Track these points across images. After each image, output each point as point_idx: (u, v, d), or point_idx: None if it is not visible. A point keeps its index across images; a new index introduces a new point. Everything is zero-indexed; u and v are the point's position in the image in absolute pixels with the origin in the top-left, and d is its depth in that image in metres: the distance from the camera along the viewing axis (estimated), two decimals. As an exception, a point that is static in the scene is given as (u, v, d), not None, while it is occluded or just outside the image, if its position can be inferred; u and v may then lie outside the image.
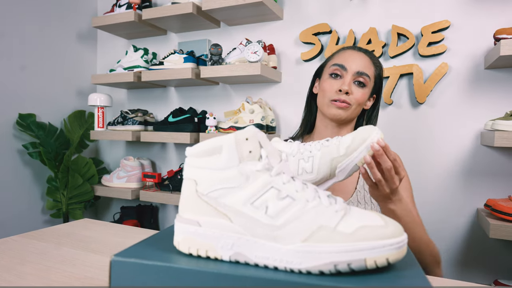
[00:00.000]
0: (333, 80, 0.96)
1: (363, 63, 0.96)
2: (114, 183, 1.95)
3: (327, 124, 1.00)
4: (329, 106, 0.95)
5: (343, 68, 0.95)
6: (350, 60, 0.96)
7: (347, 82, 0.94)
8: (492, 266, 1.40)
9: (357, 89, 0.95)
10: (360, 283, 0.36)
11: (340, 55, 0.99)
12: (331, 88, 0.95)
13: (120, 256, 0.42)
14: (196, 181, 0.44)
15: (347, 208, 0.42)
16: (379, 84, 1.02)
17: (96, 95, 1.92)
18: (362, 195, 0.94)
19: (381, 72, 1.02)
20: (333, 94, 0.94)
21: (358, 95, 0.94)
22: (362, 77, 0.95)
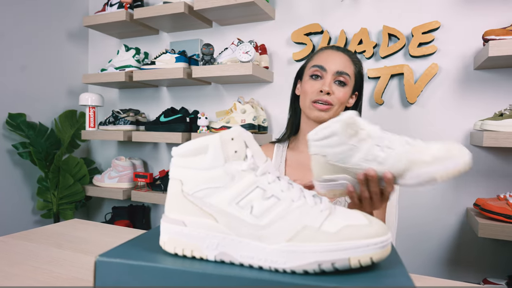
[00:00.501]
0: (314, 81, 0.96)
1: (342, 62, 0.96)
2: (106, 183, 1.93)
3: (311, 125, 1.00)
4: (311, 108, 0.96)
5: (323, 69, 0.95)
6: (329, 60, 0.96)
7: (328, 83, 0.94)
8: (481, 265, 1.42)
9: (338, 89, 0.95)
10: (344, 282, 0.36)
11: (319, 56, 0.99)
12: (312, 89, 0.95)
13: (105, 256, 0.41)
14: (181, 181, 0.44)
15: (332, 208, 0.42)
16: (360, 81, 1.02)
17: (87, 94, 1.91)
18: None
19: (360, 69, 1.02)
20: (314, 95, 0.95)
21: (339, 95, 0.95)
22: (342, 76, 0.95)
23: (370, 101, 1.58)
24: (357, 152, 0.58)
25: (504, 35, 1.18)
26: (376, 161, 0.58)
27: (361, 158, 0.58)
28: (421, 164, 0.57)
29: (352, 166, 0.59)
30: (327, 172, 0.61)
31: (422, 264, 1.51)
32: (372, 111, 1.58)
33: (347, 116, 0.57)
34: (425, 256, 1.50)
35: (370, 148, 0.58)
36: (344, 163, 0.59)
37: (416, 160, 0.57)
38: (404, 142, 0.59)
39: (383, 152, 0.58)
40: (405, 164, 0.57)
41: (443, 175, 0.55)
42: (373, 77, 1.55)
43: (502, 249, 1.39)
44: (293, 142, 1.08)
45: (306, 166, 0.99)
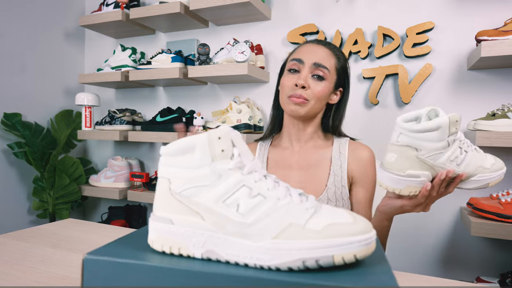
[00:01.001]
0: (291, 75, 0.93)
1: (321, 55, 0.92)
2: (102, 183, 1.93)
3: (292, 121, 0.98)
4: (287, 102, 0.92)
5: (300, 62, 0.92)
6: (308, 52, 0.93)
7: (303, 76, 0.90)
8: (474, 263, 1.43)
9: (315, 83, 0.91)
10: (328, 279, 0.37)
11: (299, 50, 0.96)
12: (288, 83, 0.92)
13: (92, 254, 0.42)
14: (169, 180, 0.44)
15: (317, 206, 0.42)
16: (344, 76, 0.98)
17: (84, 94, 1.91)
18: (332, 191, 0.93)
19: (345, 64, 0.98)
20: (290, 90, 0.91)
21: (316, 89, 0.90)
22: (319, 69, 0.90)
23: (365, 101, 1.59)
24: (447, 151, 0.60)
25: (496, 36, 1.19)
26: (455, 162, 0.61)
27: (447, 157, 0.60)
28: (484, 170, 0.63)
29: (439, 165, 0.60)
30: (412, 167, 0.60)
31: (416, 263, 1.52)
32: (367, 111, 1.59)
33: (454, 114, 0.59)
34: (419, 255, 1.51)
35: (456, 149, 0.61)
36: (434, 160, 0.60)
37: (482, 166, 0.63)
38: (473, 148, 0.64)
39: (461, 155, 0.62)
40: (474, 168, 0.62)
41: (494, 182, 0.64)
42: (368, 77, 1.56)
43: (494, 247, 1.40)
44: (277, 139, 1.05)
45: (288, 164, 0.99)
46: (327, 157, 0.97)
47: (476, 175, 0.63)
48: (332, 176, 0.94)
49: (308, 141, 1.00)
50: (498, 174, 0.65)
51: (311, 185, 0.95)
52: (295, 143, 1.00)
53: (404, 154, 0.59)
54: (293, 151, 1.00)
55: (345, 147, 0.97)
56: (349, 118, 1.60)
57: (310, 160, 0.98)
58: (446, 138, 0.58)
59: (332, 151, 0.97)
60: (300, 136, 0.99)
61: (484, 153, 0.67)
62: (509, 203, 1.19)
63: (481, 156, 0.64)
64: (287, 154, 1.00)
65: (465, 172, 0.62)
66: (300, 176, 0.97)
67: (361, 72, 1.58)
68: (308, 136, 0.99)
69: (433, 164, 0.59)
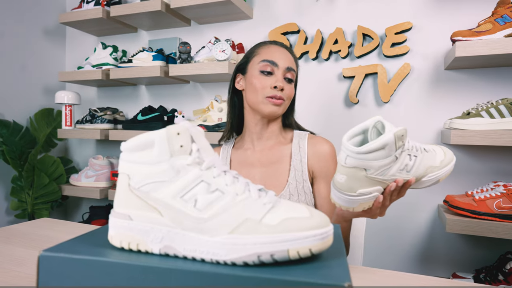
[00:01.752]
0: (266, 77, 0.95)
1: (289, 59, 0.98)
2: (83, 182, 1.91)
3: (257, 121, 0.99)
4: (265, 103, 0.94)
5: (275, 65, 0.95)
6: (279, 55, 0.96)
7: (280, 79, 0.94)
8: (451, 259, 1.46)
9: (287, 85, 0.96)
10: (281, 273, 0.37)
11: (267, 51, 0.97)
12: (265, 85, 0.94)
13: (49, 251, 0.41)
14: (129, 176, 0.44)
15: (276, 201, 0.43)
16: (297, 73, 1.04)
17: (64, 92, 1.88)
18: (294, 186, 0.94)
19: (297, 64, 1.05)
20: (268, 91, 0.93)
21: (289, 91, 0.96)
22: (291, 72, 0.96)
23: (345, 100, 1.61)
24: (396, 164, 0.59)
25: (470, 36, 1.21)
26: (405, 170, 0.61)
27: (396, 169, 0.60)
28: (434, 169, 0.64)
29: (389, 178, 0.60)
30: (363, 186, 0.60)
31: (395, 260, 1.54)
32: (347, 110, 1.61)
33: (400, 128, 0.57)
34: (398, 252, 1.54)
35: (405, 158, 0.61)
36: (383, 175, 0.60)
37: (431, 166, 0.63)
38: (422, 148, 0.64)
39: (411, 161, 0.62)
40: (424, 170, 0.63)
41: (443, 177, 0.65)
42: (348, 77, 1.58)
43: (469, 244, 1.43)
44: (239, 142, 1.07)
45: (250, 163, 1.01)
46: (287, 153, 1.00)
47: (426, 175, 0.64)
48: (292, 171, 0.96)
49: (270, 138, 1.02)
50: (447, 169, 0.66)
51: (273, 181, 0.97)
52: (257, 142, 1.02)
53: (353, 175, 0.59)
54: (255, 150, 1.02)
55: (304, 141, 1.00)
56: (329, 117, 1.62)
57: (271, 157, 1.00)
58: (393, 154, 0.58)
59: (292, 146, 1.00)
60: (262, 134, 1.01)
61: (433, 147, 0.67)
62: (483, 200, 1.22)
63: (430, 155, 0.64)
64: (249, 154, 1.02)
65: (415, 176, 0.63)
66: (262, 173, 0.99)
67: (341, 71, 1.60)
68: (270, 134, 1.01)
69: (384, 179, 0.60)
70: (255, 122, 1.00)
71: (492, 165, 1.40)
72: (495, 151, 1.39)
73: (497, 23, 1.21)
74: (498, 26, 1.21)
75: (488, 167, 1.40)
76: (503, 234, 1.18)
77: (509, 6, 1.21)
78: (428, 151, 0.65)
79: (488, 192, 1.24)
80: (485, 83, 1.40)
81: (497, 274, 1.25)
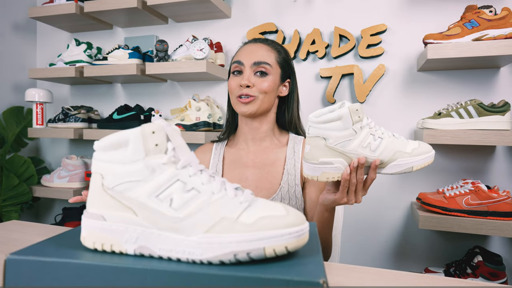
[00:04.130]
0: (235, 77, 0.96)
1: (260, 52, 0.95)
2: (55, 183, 1.85)
3: (246, 122, 1.00)
4: (236, 103, 0.95)
5: (241, 64, 0.95)
6: (246, 53, 0.96)
7: (246, 76, 0.93)
8: (424, 255, 1.51)
9: (259, 80, 0.94)
10: (257, 271, 0.37)
11: (239, 52, 0.99)
12: (234, 85, 0.95)
13: (16, 254, 0.40)
14: (102, 175, 0.43)
15: (252, 200, 0.43)
16: (288, 68, 1.01)
17: (35, 90, 1.81)
18: (286, 190, 0.94)
19: (286, 56, 1.01)
20: (237, 91, 0.94)
21: (262, 85, 0.93)
22: (261, 66, 0.94)
23: (322, 100, 1.63)
24: (356, 139, 0.64)
25: (440, 39, 1.25)
26: (369, 148, 0.65)
27: (358, 144, 0.64)
28: (404, 154, 0.66)
29: (350, 152, 0.64)
30: (324, 155, 0.64)
31: (370, 256, 1.58)
32: (324, 109, 1.63)
33: (354, 104, 0.62)
34: (373, 249, 1.57)
35: (366, 136, 0.64)
36: (343, 147, 0.64)
37: (400, 151, 0.66)
38: (391, 134, 0.68)
39: (375, 141, 0.65)
40: (391, 153, 0.66)
41: (418, 166, 0.66)
42: (325, 77, 1.60)
43: (440, 239, 1.48)
44: (233, 140, 1.07)
45: (243, 163, 1.00)
46: (281, 157, 0.99)
47: (395, 159, 0.66)
48: (285, 175, 0.96)
49: (264, 139, 1.01)
50: (423, 158, 0.67)
51: (265, 183, 0.96)
52: (250, 143, 1.01)
53: (315, 144, 0.64)
54: (249, 151, 1.01)
55: (299, 146, 1.00)
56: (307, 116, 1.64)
57: (265, 159, 0.99)
58: (350, 127, 0.62)
59: (287, 150, 0.99)
60: (254, 135, 1.00)
61: (407, 139, 0.70)
62: (453, 197, 1.27)
63: (400, 141, 0.67)
64: (243, 154, 1.01)
65: (381, 158, 0.66)
66: (255, 175, 0.98)
67: (318, 72, 1.62)
68: (263, 135, 1.00)
69: (343, 151, 0.64)
70: (245, 123, 1.00)
71: (461, 163, 1.45)
72: (464, 150, 1.45)
73: (465, 27, 1.26)
74: (466, 30, 1.26)
75: (457, 165, 1.46)
76: (472, 229, 1.23)
77: (476, 11, 1.26)
78: (398, 138, 0.68)
79: (457, 189, 1.28)
80: (455, 85, 1.46)
81: (466, 268, 1.30)
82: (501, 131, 1.21)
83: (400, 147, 0.66)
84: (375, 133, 0.65)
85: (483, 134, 1.21)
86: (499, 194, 1.22)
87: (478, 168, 1.44)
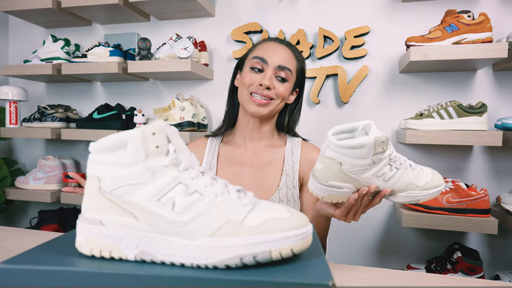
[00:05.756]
0: (254, 74, 0.92)
1: (285, 56, 0.93)
2: (31, 185, 1.77)
3: (249, 120, 0.97)
4: (249, 102, 0.92)
5: (264, 62, 0.91)
6: (271, 53, 0.92)
7: (268, 77, 0.91)
8: (405, 252, 1.55)
9: (279, 84, 0.92)
10: (265, 275, 0.36)
11: (261, 47, 0.95)
12: (251, 82, 0.91)
13: (8, 263, 0.38)
14: (99, 178, 0.41)
15: (255, 202, 0.42)
16: (302, 78, 1.00)
17: (8, 87, 1.73)
18: (284, 192, 0.93)
19: (303, 65, 1.00)
20: (253, 88, 0.91)
21: (280, 90, 0.92)
22: (284, 71, 0.92)
23: (307, 100, 1.64)
24: (372, 168, 0.61)
25: (422, 42, 1.29)
26: (383, 178, 0.62)
27: (373, 174, 0.61)
28: (416, 188, 0.64)
29: (363, 179, 0.62)
30: (335, 179, 0.61)
31: (353, 255, 1.60)
32: (309, 109, 1.64)
33: (382, 135, 0.58)
34: (357, 247, 1.60)
35: (384, 167, 0.62)
36: (357, 175, 0.61)
37: (413, 183, 0.64)
38: (408, 164, 0.65)
39: (391, 171, 0.62)
40: (404, 185, 0.64)
41: (425, 200, 0.66)
42: (310, 77, 1.61)
43: (422, 237, 1.53)
44: (229, 136, 1.04)
45: (240, 161, 0.98)
46: (279, 157, 0.98)
47: (406, 191, 0.64)
48: (284, 177, 0.94)
49: (262, 139, 1.00)
50: (431, 193, 0.66)
51: (263, 184, 0.94)
52: (249, 141, 1.00)
53: (329, 166, 0.61)
54: (246, 149, 0.99)
55: (297, 148, 0.99)
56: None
57: (263, 159, 0.98)
58: (371, 157, 0.59)
59: (285, 151, 0.98)
60: (254, 134, 0.99)
61: (423, 167, 0.68)
62: (434, 195, 1.30)
63: (415, 173, 0.65)
64: (240, 152, 0.99)
65: (392, 188, 0.64)
66: (252, 174, 0.96)
67: (303, 72, 1.63)
68: (263, 135, 0.99)
69: (357, 178, 0.61)
70: (247, 121, 0.97)
71: (441, 163, 1.50)
72: (444, 150, 1.49)
73: (445, 31, 1.30)
74: (446, 34, 1.29)
75: (438, 165, 1.50)
76: (452, 227, 1.27)
77: (456, 16, 1.30)
78: (414, 169, 0.65)
79: (438, 188, 1.32)
80: (435, 86, 1.50)
81: (446, 264, 1.34)
82: (478, 132, 1.25)
83: (414, 180, 0.64)
84: (393, 164, 0.63)
85: (462, 135, 1.26)
86: (477, 192, 1.27)
87: (456, 167, 1.49)
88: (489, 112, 1.41)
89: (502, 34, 1.42)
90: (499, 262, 1.46)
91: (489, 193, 1.41)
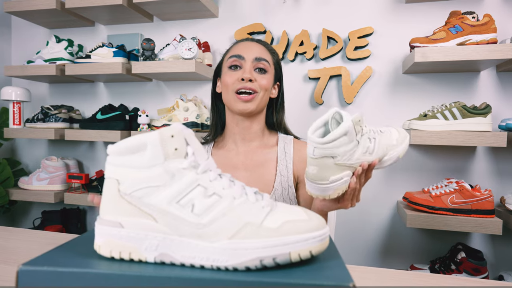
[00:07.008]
0: (233, 72, 0.93)
1: (260, 49, 0.95)
2: (34, 185, 1.77)
3: (237, 121, 0.97)
4: (236, 101, 0.92)
5: (241, 58, 0.93)
6: (246, 49, 0.95)
7: (248, 70, 0.92)
8: (409, 252, 1.55)
9: (260, 76, 0.93)
10: (285, 277, 0.37)
11: (235, 48, 0.98)
12: (233, 80, 0.92)
13: (29, 265, 0.38)
14: (118, 181, 0.41)
15: (273, 204, 0.43)
16: (279, 71, 1.02)
17: (11, 88, 1.73)
18: (280, 192, 0.94)
19: (278, 59, 1.02)
20: (236, 85, 0.91)
21: (262, 82, 0.93)
22: (262, 62, 0.94)
23: (310, 101, 1.64)
24: (358, 147, 0.63)
25: (426, 43, 1.29)
26: (368, 152, 0.65)
27: (360, 152, 0.64)
28: (392, 147, 0.68)
29: (355, 161, 0.64)
30: (334, 173, 0.63)
31: (359, 254, 1.60)
32: (312, 110, 1.64)
33: (355, 114, 0.61)
34: (361, 247, 1.60)
35: (365, 142, 0.64)
36: (349, 160, 0.63)
37: (389, 145, 0.68)
38: (378, 130, 0.68)
39: (371, 143, 0.65)
40: (384, 150, 0.67)
41: (402, 153, 0.69)
42: (313, 78, 1.61)
43: (425, 237, 1.53)
44: (220, 141, 1.04)
45: (233, 165, 0.98)
46: (272, 157, 0.98)
47: (387, 154, 0.68)
48: (278, 177, 0.95)
49: (254, 140, 0.99)
50: (404, 146, 0.70)
51: (257, 185, 0.94)
52: (240, 144, 0.99)
53: (323, 165, 0.62)
54: (238, 152, 0.99)
55: (290, 146, 0.99)
56: (295, 117, 1.65)
57: (256, 160, 0.98)
58: (354, 139, 0.62)
59: (278, 150, 0.98)
60: (245, 135, 0.98)
61: (386, 128, 0.71)
62: (438, 196, 1.31)
63: (386, 135, 0.69)
64: (232, 155, 0.99)
65: (377, 157, 0.67)
66: (246, 177, 0.96)
67: (306, 73, 1.63)
68: (254, 135, 0.99)
69: (350, 163, 0.64)
70: (236, 122, 0.97)
71: (445, 163, 1.50)
72: (448, 150, 1.50)
73: (450, 32, 1.30)
74: (451, 35, 1.30)
75: (441, 165, 1.51)
76: (456, 227, 1.27)
77: (460, 17, 1.31)
78: (384, 132, 0.69)
79: (442, 188, 1.33)
80: (439, 87, 1.51)
81: (450, 264, 1.35)
82: (482, 132, 1.26)
83: (389, 141, 0.68)
84: (370, 136, 0.66)
85: (467, 135, 1.26)
86: (482, 193, 1.27)
87: (460, 168, 1.49)
88: (493, 113, 1.42)
89: (506, 35, 1.42)
90: (503, 262, 1.47)
91: (493, 194, 1.41)
